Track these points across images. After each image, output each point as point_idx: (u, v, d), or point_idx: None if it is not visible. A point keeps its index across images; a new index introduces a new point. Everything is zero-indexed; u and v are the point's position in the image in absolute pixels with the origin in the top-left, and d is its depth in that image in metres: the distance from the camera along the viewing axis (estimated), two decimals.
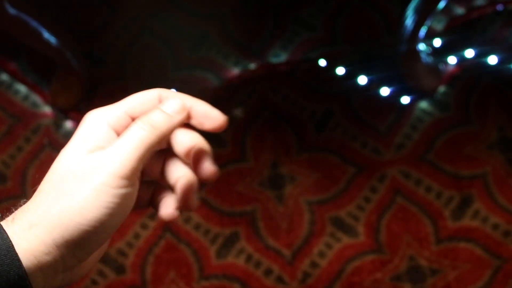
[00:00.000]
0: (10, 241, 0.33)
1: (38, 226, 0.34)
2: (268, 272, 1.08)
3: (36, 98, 1.18)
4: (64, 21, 1.22)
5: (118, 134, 0.37)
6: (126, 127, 0.37)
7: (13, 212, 0.35)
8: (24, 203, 0.35)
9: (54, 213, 0.34)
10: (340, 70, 1.15)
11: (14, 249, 0.33)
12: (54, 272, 0.34)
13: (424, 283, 1.06)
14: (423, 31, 1.04)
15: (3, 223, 0.34)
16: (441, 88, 1.15)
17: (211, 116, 0.38)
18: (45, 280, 0.34)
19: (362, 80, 1.14)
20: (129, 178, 0.34)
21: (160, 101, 0.38)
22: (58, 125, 1.16)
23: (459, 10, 1.18)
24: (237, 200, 1.11)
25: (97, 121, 0.36)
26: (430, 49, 1.14)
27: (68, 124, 1.16)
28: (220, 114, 0.38)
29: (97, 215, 0.33)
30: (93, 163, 0.35)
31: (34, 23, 0.97)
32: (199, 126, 0.39)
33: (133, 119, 0.37)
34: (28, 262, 0.33)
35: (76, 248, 0.34)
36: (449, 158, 1.11)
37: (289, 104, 1.15)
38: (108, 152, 0.35)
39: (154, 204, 0.39)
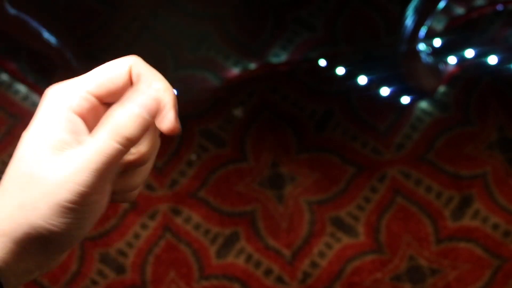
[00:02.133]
0: None
1: None
2: (268, 272, 1.08)
3: (36, 98, 1.18)
4: (64, 21, 1.22)
5: (84, 118, 0.33)
6: (91, 110, 0.33)
7: None
8: None
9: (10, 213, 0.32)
10: (340, 70, 1.15)
11: None
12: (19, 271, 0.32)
13: (424, 283, 1.06)
14: (423, 31, 1.04)
15: None
16: (441, 88, 1.15)
17: (167, 117, 0.34)
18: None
19: (362, 80, 1.14)
20: (86, 197, 0.31)
21: (131, 78, 0.34)
22: None
23: (459, 10, 1.18)
24: (237, 200, 1.11)
25: (58, 107, 0.32)
26: (430, 49, 1.14)
27: None
28: (174, 120, 0.34)
29: (54, 227, 0.31)
30: (55, 173, 0.31)
31: (34, 23, 0.97)
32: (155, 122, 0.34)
33: (99, 99, 0.34)
34: None
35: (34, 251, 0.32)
36: (449, 158, 1.11)
37: (289, 104, 1.15)
38: (70, 161, 0.32)
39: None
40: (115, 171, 0.33)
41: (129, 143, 0.32)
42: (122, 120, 0.32)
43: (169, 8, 1.23)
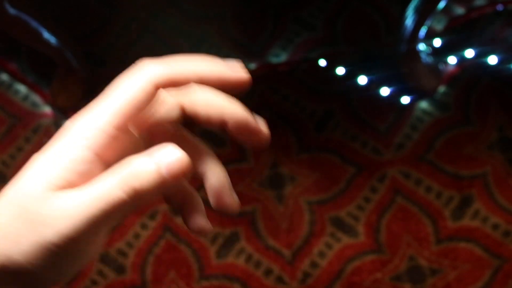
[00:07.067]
0: None
1: None
2: (268, 272, 1.08)
3: (36, 98, 1.18)
4: (64, 21, 1.22)
5: (103, 154, 0.30)
6: (114, 142, 0.30)
7: None
8: None
9: None
10: (340, 70, 1.15)
11: None
12: None
13: (424, 283, 1.06)
14: (423, 31, 1.04)
15: None
16: (441, 88, 1.15)
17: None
18: None
19: (362, 80, 1.14)
20: (75, 241, 0.28)
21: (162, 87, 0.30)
22: (58, 125, 1.16)
23: (459, 10, 1.18)
24: None
25: (73, 144, 0.29)
26: (430, 49, 1.14)
27: None
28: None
29: (31, 267, 0.28)
30: (46, 212, 0.29)
31: (34, 23, 0.97)
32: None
33: (124, 128, 0.30)
34: None
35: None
36: (449, 158, 1.11)
37: (289, 104, 1.16)
38: (66, 203, 0.29)
39: (178, 208, 0.35)
40: (113, 223, 0.30)
41: (137, 197, 0.28)
42: (137, 169, 0.29)
43: (169, 8, 1.23)
